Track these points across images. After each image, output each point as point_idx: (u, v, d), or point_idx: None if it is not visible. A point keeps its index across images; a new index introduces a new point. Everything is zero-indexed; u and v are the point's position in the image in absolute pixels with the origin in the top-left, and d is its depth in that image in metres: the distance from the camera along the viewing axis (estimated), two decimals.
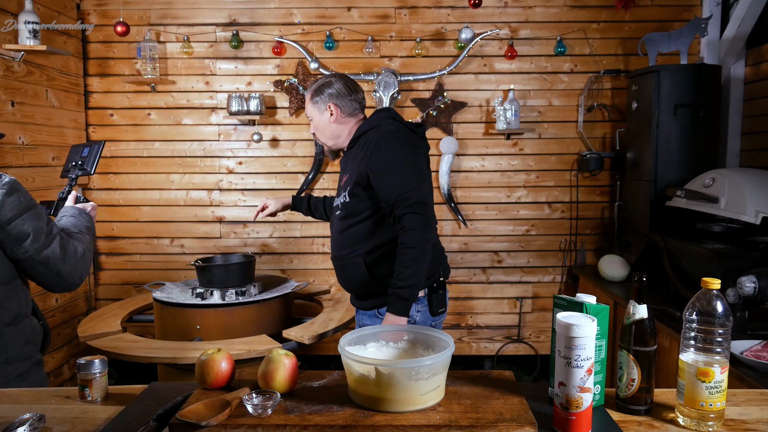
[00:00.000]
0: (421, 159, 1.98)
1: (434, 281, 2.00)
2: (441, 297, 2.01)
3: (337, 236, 2.05)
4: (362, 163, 1.92)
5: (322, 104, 2.04)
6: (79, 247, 1.67)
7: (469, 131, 3.72)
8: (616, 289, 3.06)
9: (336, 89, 2.03)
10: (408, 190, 1.84)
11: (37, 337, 1.68)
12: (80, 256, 1.65)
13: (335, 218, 2.08)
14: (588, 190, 3.76)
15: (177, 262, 3.77)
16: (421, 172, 1.93)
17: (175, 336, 2.74)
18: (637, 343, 1.18)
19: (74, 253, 1.64)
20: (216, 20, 3.64)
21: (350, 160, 2.03)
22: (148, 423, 1.14)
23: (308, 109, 2.08)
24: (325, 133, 2.08)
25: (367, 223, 1.97)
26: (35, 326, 1.68)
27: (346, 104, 2.04)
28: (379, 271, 1.96)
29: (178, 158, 3.73)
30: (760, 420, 1.17)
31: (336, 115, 2.03)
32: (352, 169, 2.00)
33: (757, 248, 2.42)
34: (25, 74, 3.03)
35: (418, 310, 1.99)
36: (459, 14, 3.64)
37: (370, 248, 1.97)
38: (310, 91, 2.06)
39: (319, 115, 2.05)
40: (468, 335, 3.84)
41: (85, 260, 1.68)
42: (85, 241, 1.73)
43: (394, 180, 1.86)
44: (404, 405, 1.13)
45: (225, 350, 1.28)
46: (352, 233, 1.99)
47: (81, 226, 1.80)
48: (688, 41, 3.21)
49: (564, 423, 1.09)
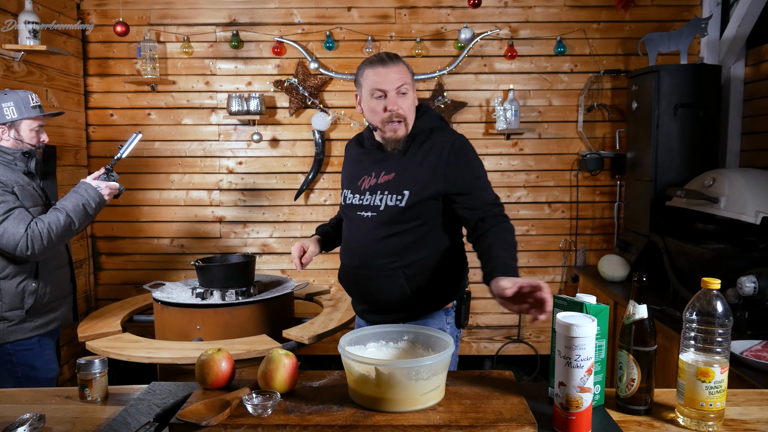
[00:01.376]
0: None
1: (464, 293, 1.89)
2: (468, 308, 1.91)
3: (368, 243, 1.79)
4: (437, 171, 1.73)
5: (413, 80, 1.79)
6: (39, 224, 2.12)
7: (469, 131, 3.72)
8: (616, 289, 3.06)
9: None
10: (496, 196, 1.78)
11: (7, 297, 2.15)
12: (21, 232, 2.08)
13: (362, 221, 1.81)
14: (588, 190, 3.76)
15: (177, 262, 3.77)
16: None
17: (175, 336, 2.74)
18: (637, 343, 1.18)
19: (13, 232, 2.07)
20: (216, 20, 3.64)
21: (403, 160, 1.78)
22: (148, 423, 1.14)
23: (410, 77, 1.76)
24: (412, 110, 1.78)
25: (417, 231, 1.77)
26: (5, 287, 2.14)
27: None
28: (416, 285, 1.77)
29: (178, 158, 3.73)
30: (760, 420, 1.17)
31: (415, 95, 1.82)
32: (407, 171, 1.76)
33: (757, 248, 2.42)
34: (25, 74, 3.03)
35: (448, 321, 1.86)
36: (459, 14, 3.64)
37: (413, 260, 1.76)
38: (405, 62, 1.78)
39: (414, 91, 1.79)
40: (468, 335, 3.84)
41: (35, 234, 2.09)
42: (48, 218, 2.15)
43: (487, 186, 1.77)
44: (404, 405, 1.13)
45: (225, 350, 1.29)
46: (394, 242, 1.76)
47: (67, 204, 2.21)
48: (688, 41, 3.21)
49: (564, 423, 1.09)
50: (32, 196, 2.23)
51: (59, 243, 2.20)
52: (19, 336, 2.20)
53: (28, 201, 2.19)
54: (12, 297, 2.17)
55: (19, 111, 2.22)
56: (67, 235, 2.22)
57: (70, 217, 2.20)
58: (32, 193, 2.24)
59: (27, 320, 2.22)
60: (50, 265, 2.28)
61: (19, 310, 2.19)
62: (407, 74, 1.75)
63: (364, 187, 1.83)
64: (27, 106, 2.24)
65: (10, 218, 2.08)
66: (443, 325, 1.84)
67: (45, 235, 2.12)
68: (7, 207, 2.09)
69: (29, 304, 2.20)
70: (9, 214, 2.09)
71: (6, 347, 2.20)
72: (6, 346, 2.20)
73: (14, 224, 2.08)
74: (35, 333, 2.25)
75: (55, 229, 2.15)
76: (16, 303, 2.18)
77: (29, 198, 2.20)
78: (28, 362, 2.24)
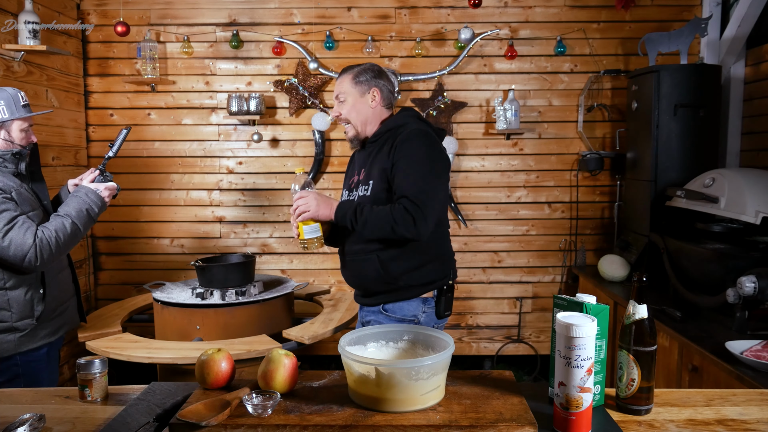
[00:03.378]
0: (446, 163, 1.95)
1: (444, 284, 1.98)
2: (449, 300, 2.00)
3: (350, 231, 1.96)
4: (386, 157, 1.90)
5: (367, 86, 1.99)
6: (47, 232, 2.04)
7: (469, 131, 3.72)
8: (616, 289, 3.06)
9: (383, 77, 2.02)
10: (422, 192, 1.80)
11: (16, 306, 2.07)
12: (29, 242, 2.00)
13: None
14: (588, 190, 3.76)
15: (177, 262, 3.77)
16: (442, 179, 1.89)
17: (175, 336, 2.74)
18: (637, 343, 1.18)
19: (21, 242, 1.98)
20: (216, 20, 3.64)
21: (372, 156, 1.99)
22: (148, 423, 1.14)
23: (345, 86, 2.00)
24: (360, 116, 2.00)
25: None
26: (13, 297, 2.07)
27: (386, 95, 2.03)
28: (393, 269, 1.92)
29: (178, 158, 3.73)
30: (760, 420, 1.17)
31: (378, 100, 2.00)
32: (373, 164, 1.96)
33: (757, 248, 2.42)
34: (25, 74, 3.03)
35: (424, 311, 1.97)
36: (459, 14, 3.64)
37: (385, 245, 1.91)
38: (353, 72, 2.01)
39: (360, 96, 1.99)
40: (468, 335, 3.84)
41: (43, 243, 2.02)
42: (54, 225, 2.08)
43: (416, 179, 1.82)
44: (404, 405, 1.13)
45: (225, 350, 1.29)
46: None
47: (70, 210, 2.15)
48: (688, 41, 3.21)
49: (564, 423, 1.09)
50: (28, 199, 2.12)
51: (65, 251, 2.13)
52: (30, 346, 2.12)
53: (26, 205, 2.08)
54: (22, 306, 2.08)
55: (11, 111, 2.08)
56: (74, 242, 2.14)
57: (76, 223, 2.12)
58: (28, 197, 2.12)
59: (37, 328, 2.13)
60: (54, 269, 2.21)
61: (30, 319, 2.10)
62: (343, 84, 2.01)
63: (351, 185, 2.07)
64: (18, 105, 2.11)
65: (15, 228, 1.98)
66: (418, 313, 1.97)
67: (53, 243, 2.04)
68: (9, 216, 1.99)
69: (39, 311, 2.12)
70: (14, 223, 1.99)
71: (15, 358, 2.10)
72: (15, 357, 2.10)
73: (20, 234, 1.98)
74: (45, 341, 2.17)
75: (62, 237, 2.07)
76: (26, 312, 2.09)
77: (27, 202, 2.09)
78: (34, 374, 2.16)
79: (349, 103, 2.00)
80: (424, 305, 1.97)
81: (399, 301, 1.96)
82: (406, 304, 1.96)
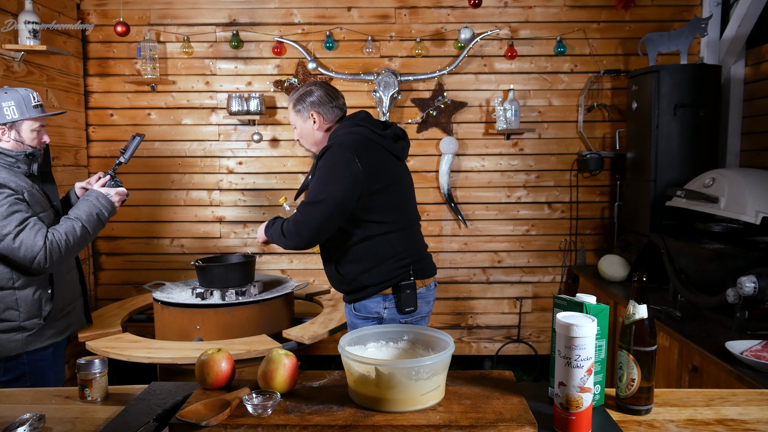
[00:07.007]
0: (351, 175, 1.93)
1: (399, 280, 2.05)
2: (408, 297, 2.05)
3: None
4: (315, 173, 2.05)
5: (305, 112, 2.10)
6: (57, 234, 2.07)
7: (469, 131, 3.72)
8: (616, 289, 3.06)
9: (317, 97, 2.09)
10: (305, 210, 1.96)
11: (24, 306, 2.09)
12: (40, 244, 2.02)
13: None
14: (588, 190, 3.76)
15: (177, 262, 3.77)
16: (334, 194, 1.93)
17: (175, 336, 2.74)
18: (637, 343, 1.18)
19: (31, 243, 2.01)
20: (216, 20, 3.64)
21: (312, 170, 2.12)
22: (148, 423, 1.14)
23: (291, 117, 2.15)
24: (309, 140, 2.16)
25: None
26: (22, 296, 2.08)
27: (328, 111, 2.10)
28: (346, 272, 2.06)
29: (178, 158, 3.73)
30: (760, 420, 1.17)
31: (319, 122, 2.10)
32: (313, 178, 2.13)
33: (757, 248, 2.42)
34: (25, 74, 3.03)
35: (386, 307, 2.06)
36: (459, 14, 3.64)
37: (339, 248, 2.06)
38: (292, 101, 2.13)
39: (303, 123, 2.12)
40: (468, 335, 3.84)
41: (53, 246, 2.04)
42: (65, 228, 2.11)
43: (308, 195, 1.98)
44: (404, 405, 1.13)
45: (225, 350, 1.29)
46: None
47: (81, 213, 2.18)
48: (688, 41, 3.21)
49: (564, 423, 1.09)
50: (40, 200, 2.14)
51: (74, 254, 2.15)
52: (37, 345, 2.13)
53: (38, 206, 2.10)
54: (30, 306, 2.10)
55: (21, 111, 2.10)
56: (82, 245, 2.16)
57: (86, 227, 2.14)
58: (39, 198, 2.15)
59: (44, 328, 2.15)
60: (62, 270, 2.22)
61: (38, 319, 2.12)
62: (289, 114, 2.16)
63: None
64: (28, 106, 2.13)
65: (26, 229, 2.00)
66: (380, 309, 2.07)
67: (63, 246, 2.06)
68: (21, 217, 2.01)
69: (47, 311, 2.14)
70: (25, 224, 2.01)
71: (22, 358, 2.12)
72: (22, 356, 2.12)
73: (31, 236, 2.00)
74: (52, 341, 2.18)
75: (72, 240, 2.09)
76: (34, 311, 2.11)
77: (38, 203, 2.12)
78: (40, 373, 2.18)
79: (297, 129, 2.16)
80: (385, 302, 2.06)
81: (362, 300, 2.08)
82: (368, 302, 2.07)
